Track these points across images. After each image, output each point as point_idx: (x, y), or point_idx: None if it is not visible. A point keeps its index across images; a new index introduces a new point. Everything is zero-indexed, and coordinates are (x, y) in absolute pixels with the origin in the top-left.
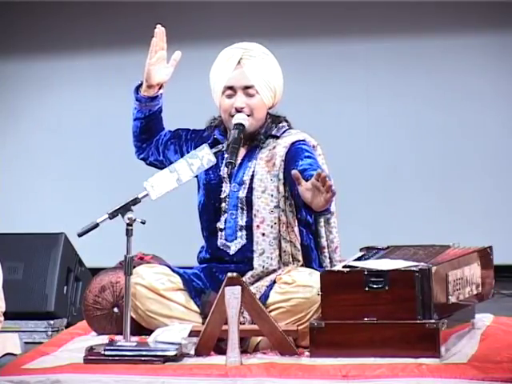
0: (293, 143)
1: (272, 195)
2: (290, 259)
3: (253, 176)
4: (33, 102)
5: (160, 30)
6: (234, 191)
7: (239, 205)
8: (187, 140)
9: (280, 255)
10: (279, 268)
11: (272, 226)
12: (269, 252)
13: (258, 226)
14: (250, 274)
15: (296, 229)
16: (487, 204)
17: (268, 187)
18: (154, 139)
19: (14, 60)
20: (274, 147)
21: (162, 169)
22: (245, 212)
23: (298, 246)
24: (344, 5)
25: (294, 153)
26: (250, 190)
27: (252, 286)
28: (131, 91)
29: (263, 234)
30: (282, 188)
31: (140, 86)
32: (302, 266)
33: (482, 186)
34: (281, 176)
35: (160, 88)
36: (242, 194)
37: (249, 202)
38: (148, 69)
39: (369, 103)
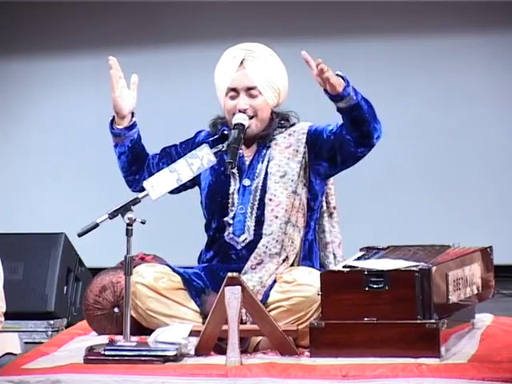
0: (309, 126)
1: (292, 180)
2: (290, 242)
3: (268, 164)
4: (33, 102)
5: (112, 60)
6: (245, 186)
7: (251, 199)
8: (179, 153)
9: (283, 239)
10: (280, 254)
11: (286, 210)
12: (276, 234)
13: (272, 210)
14: (252, 256)
15: (306, 214)
16: (487, 204)
17: (289, 172)
18: (144, 167)
19: (14, 60)
20: (290, 134)
21: None
22: (255, 207)
23: (302, 232)
24: (344, 5)
25: (316, 128)
26: (266, 177)
27: (256, 276)
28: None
29: (276, 217)
30: (302, 173)
31: (112, 122)
32: (297, 253)
33: (481, 186)
34: (303, 162)
35: (132, 115)
36: (257, 185)
37: (262, 193)
38: (116, 101)
39: None
